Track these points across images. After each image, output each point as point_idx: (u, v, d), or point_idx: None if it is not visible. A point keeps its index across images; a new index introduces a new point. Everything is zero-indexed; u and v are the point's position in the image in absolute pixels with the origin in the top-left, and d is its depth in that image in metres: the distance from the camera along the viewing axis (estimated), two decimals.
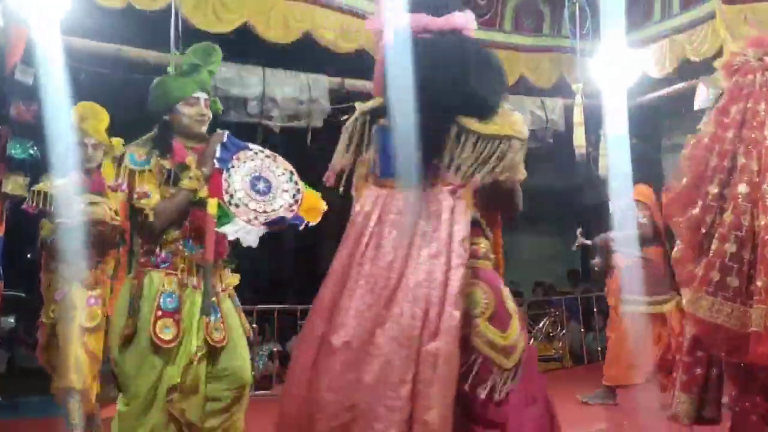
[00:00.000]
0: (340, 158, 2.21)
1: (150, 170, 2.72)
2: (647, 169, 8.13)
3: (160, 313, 2.59)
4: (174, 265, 2.69)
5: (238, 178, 2.76)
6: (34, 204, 3.81)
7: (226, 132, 2.95)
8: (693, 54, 6.35)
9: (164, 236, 2.70)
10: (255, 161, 2.84)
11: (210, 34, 5.92)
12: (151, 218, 2.65)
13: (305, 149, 6.87)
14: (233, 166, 2.77)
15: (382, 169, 2.10)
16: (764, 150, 2.57)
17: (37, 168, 5.33)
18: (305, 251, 12.84)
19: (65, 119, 5.42)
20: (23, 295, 11.86)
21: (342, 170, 2.20)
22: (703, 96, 6.57)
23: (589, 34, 7.27)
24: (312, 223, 2.91)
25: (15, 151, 5.25)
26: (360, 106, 2.26)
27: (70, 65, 5.44)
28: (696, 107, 6.69)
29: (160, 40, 5.85)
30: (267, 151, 2.96)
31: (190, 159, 2.76)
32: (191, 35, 5.82)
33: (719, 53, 6.18)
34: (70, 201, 3.65)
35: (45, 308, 3.74)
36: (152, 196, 2.67)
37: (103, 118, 4.00)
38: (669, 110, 7.76)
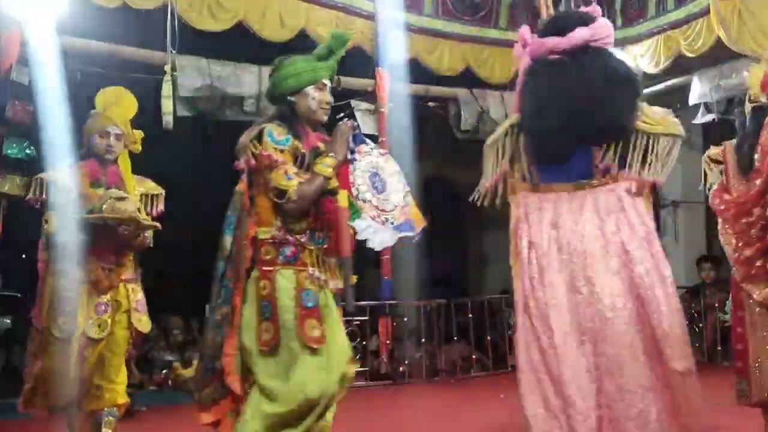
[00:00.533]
0: (493, 172, 2.40)
1: (288, 151, 2.47)
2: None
3: (303, 312, 2.38)
4: (302, 261, 2.45)
5: (359, 173, 2.55)
6: (38, 194, 3.26)
7: (356, 122, 2.84)
8: (687, 49, 6.38)
9: (291, 227, 2.45)
10: (372, 156, 2.64)
11: (205, 33, 5.94)
12: (293, 200, 2.37)
13: None
14: (356, 159, 2.55)
15: (543, 176, 2.31)
16: None
17: (33, 167, 5.35)
18: None
19: (61, 119, 5.46)
20: (19, 295, 11.86)
21: (497, 182, 2.40)
22: (698, 91, 6.66)
23: None
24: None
25: (11, 150, 5.27)
26: (507, 122, 2.44)
27: (65, 65, 5.45)
28: (691, 102, 6.78)
29: (155, 38, 5.86)
30: (380, 149, 2.74)
31: (322, 145, 2.52)
32: (186, 34, 5.84)
33: (713, 49, 6.22)
34: (87, 194, 3.23)
35: (46, 313, 3.19)
36: (293, 179, 2.40)
37: (130, 105, 3.51)
38: (663, 105, 7.78)
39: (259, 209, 2.45)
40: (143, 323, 3.38)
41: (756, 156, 2.80)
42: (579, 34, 2.24)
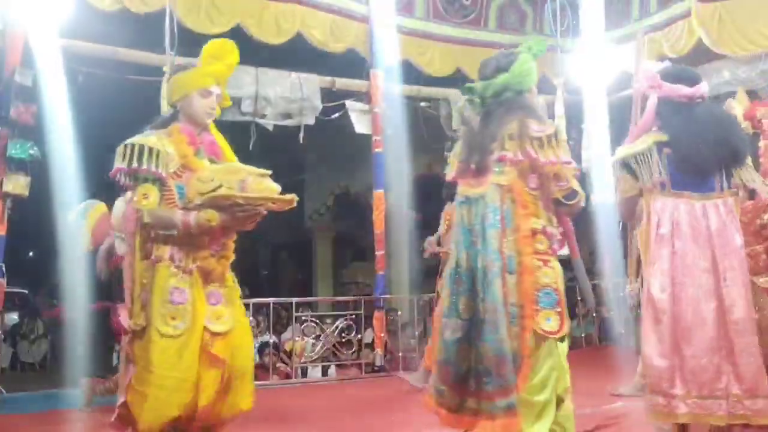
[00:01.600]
0: (635, 184, 2.99)
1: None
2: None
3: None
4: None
5: None
6: (131, 163, 2.61)
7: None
8: (670, 51, 6.57)
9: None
10: None
11: (203, 36, 6.08)
12: None
13: (298, 147, 7.01)
14: None
15: (674, 185, 2.92)
16: None
17: (37, 168, 5.49)
18: (297, 248, 13.01)
19: (64, 119, 5.60)
20: (26, 292, 11.95)
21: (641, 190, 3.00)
22: (680, 92, 6.87)
23: (569, 33, 7.51)
24: None
25: (15, 151, 5.38)
26: (650, 139, 2.96)
27: (68, 67, 5.60)
28: None
29: (154, 42, 6.00)
30: None
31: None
32: (185, 37, 5.99)
33: (695, 50, 6.44)
34: (192, 165, 2.70)
35: (141, 310, 2.61)
36: None
37: (234, 62, 2.91)
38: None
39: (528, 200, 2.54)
40: None
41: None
42: (704, 89, 3.01)
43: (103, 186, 5.89)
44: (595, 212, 7.21)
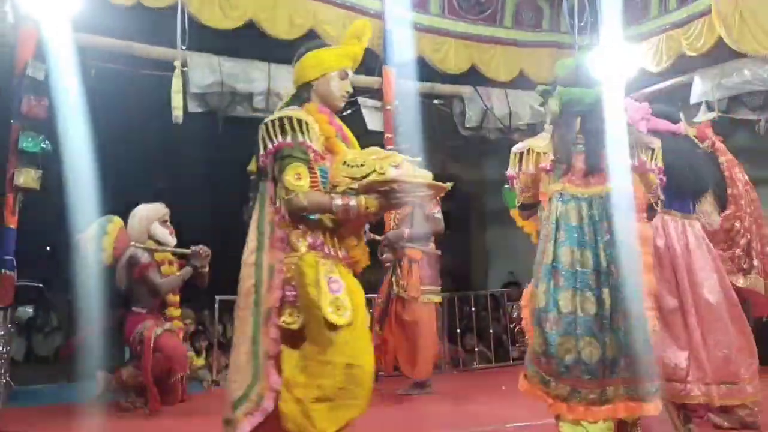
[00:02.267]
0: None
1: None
2: None
3: None
4: None
5: None
6: (298, 138, 2.37)
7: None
8: (689, 49, 6.47)
9: None
10: None
11: (216, 31, 6.06)
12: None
13: None
14: None
15: (667, 204, 3.34)
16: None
17: (49, 161, 5.49)
18: None
19: (76, 113, 5.59)
20: (41, 285, 12.02)
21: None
22: (699, 89, 6.76)
23: (587, 30, 7.40)
24: None
25: (27, 144, 5.39)
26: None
27: (80, 61, 5.59)
28: (692, 101, 6.87)
29: (167, 35, 5.99)
30: None
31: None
32: (197, 31, 5.97)
33: (715, 48, 6.32)
34: (336, 149, 2.51)
35: (292, 310, 2.37)
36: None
37: (366, 44, 2.70)
38: (664, 104, 7.86)
39: None
40: None
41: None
42: (683, 127, 3.65)
43: (114, 180, 5.91)
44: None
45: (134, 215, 4.95)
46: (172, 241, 4.90)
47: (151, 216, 4.93)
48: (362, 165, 2.42)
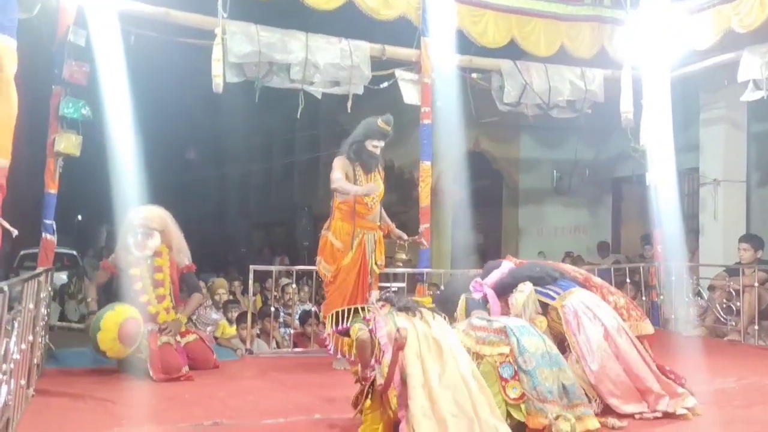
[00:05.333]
0: None
1: None
2: (685, 141, 8.11)
3: None
4: None
5: None
6: None
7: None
8: (738, 25, 6.25)
9: None
10: None
11: (255, 0, 6.01)
12: None
13: (343, 118, 6.92)
14: None
15: None
16: None
17: (89, 127, 5.53)
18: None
19: (116, 79, 5.62)
20: (75, 253, 12.24)
21: None
22: (747, 67, 6.56)
23: (631, 4, 7.21)
24: None
25: (68, 110, 5.42)
26: None
27: (120, 28, 5.60)
28: (740, 79, 6.68)
29: (205, 4, 5.96)
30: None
31: None
32: (238, 0, 5.93)
33: (765, 25, 6.11)
34: None
35: None
36: None
37: None
38: (711, 82, 7.68)
39: None
40: None
41: None
42: None
43: (150, 147, 5.94)
44: (651, 191, 6.99)
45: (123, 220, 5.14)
46: (137, 253, 4.97)
47: (128, 224, 5.06)
48: None
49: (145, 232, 5.00)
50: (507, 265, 4.15)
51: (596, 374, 3.55)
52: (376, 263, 5.15)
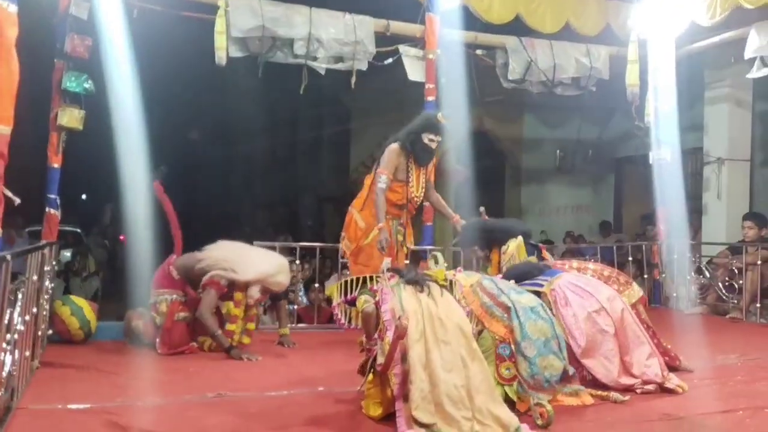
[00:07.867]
0: None
1: None
2: (689, 120, 8.06)
3: None
4: None
5: None
6: None
7: None
8: (747, 1, 6.16)
9: None
10: None
11: None
12: None
13: (346, 96, 6.87)
14: None
15: None
16: None
17: (91, 101, 5.50)
18: (343, 200, 13.01)
19: (119, 53, 5.57)
20: (79, 231, 12.23)
21: None
22: (755, 44, 6.50)
23: None
24: None
25: (70, 84, 5.38)
26: None
27: (123, 1, 5.54)
28: (747, 56, 6.62)
29: None
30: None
31: None
32: None
33: None
34: None
35: None
36: None
37: None
38: (717, 59, 7.61)
39: None
40: None
41: None
42: None
43: (154, 122, 5.92)
44: (655, 169, 6.96)
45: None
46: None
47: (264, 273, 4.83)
48: None
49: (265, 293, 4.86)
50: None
51: (584, 350, 3.58)
52: (404, 246, 5.12)
